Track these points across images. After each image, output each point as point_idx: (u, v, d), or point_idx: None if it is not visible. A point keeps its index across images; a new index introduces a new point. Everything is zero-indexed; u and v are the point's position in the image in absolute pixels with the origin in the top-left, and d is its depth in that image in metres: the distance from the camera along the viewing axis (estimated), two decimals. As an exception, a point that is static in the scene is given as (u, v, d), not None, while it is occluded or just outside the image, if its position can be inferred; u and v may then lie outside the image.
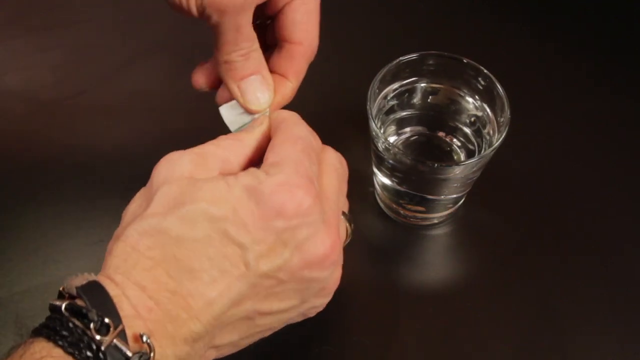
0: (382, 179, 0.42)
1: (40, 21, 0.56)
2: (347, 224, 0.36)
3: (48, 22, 0.55)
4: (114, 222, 0.46)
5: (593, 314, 0.41)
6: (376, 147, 0.40)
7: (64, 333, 0.26)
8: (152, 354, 0.26)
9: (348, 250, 0.44)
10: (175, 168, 0.31)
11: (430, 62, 0.41)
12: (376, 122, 0.40)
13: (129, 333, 0.26)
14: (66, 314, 0.26)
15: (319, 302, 0.33)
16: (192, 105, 0.51)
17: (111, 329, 0.25)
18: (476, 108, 0.42)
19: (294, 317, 0.33)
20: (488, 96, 0.41)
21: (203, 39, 0.55)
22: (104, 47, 0.54)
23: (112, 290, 0.27)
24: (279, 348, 0.39)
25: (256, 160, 0.33)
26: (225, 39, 0.33)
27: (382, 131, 0.42)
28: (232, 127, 0.37)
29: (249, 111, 0.36)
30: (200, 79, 0.38)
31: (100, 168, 0.48)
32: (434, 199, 0.42)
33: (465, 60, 0.41)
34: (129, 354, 0.25)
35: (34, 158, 0.48)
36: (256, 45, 0.34)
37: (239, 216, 0.29)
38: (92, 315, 0.25)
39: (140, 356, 0.26)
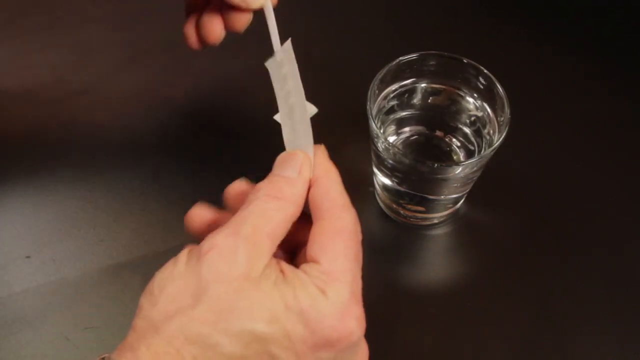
0: (382, 179, 0.42)
1: (40, 21, 0.56)
2: None
3: (48, 22, 0.55)
4: (114, 222, 0.46)
5: (593, 314, 0.41)
6: (376, 147, 0.40)
7: None
8: None
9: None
10: (230, 266, 0.28)
11: (430, 62, 0.41)
12: (376, 122, 0.40)
13: None
14: None
15: None
16: (193, 105, 0.51)
17: None
18: (476, 108, 0.42)
19: None
20: (488, 96, 0.41)
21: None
22: (104, 47, 0.54)
23: None
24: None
25: (298, 215, 0.31)
26: None
27: (382, 131, 0.42)
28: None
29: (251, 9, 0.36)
30: (193, 36, 0.38)
31: (100, 168, 0.48)
32: (434, 199, 0.42)
33: (465, 60, 0.41)
34: None
35: (33, 158, 0.48)
36: None
37: (291, 342, 0.28)
38: None
39: None
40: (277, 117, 0.37)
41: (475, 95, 0.42)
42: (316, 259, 0.30)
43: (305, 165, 0.32)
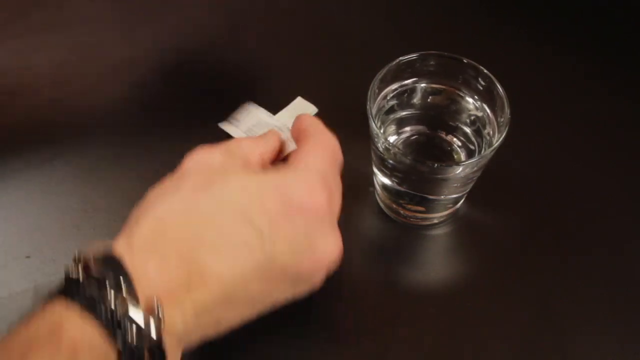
0: (382, 179, 0.42)
1: (40, 21, 0.56)
2: None
3: (48, 22, 0.55)
4: (114, 222, 0.46)
5: (593, 314, 0.41)
6: (376, 147, 0.40)
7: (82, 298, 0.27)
8: (161, 317, 0.28)
9: (348, 250, 0.44)
10: (207, 157, 0.34)
11: (430, 62, 0.41)
12: (376, 122, 0.40)
13: (142, 298, 0.28)
14: (87, 287, 0.28)
15: (306, 291, 0.35)
16: (195, 105, 0.51)
17: (125, 294, 0.27)
18: (476, 108, 0.42)
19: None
20: (488, 96, 0.41)
21: (203, 38, 0.56)
22: (104, 47, 0.54)
23: (130, 263, 0.28)
24: (278, 348, 0.39)
25: (270, 163, 0.37)
26: None
27: (382, 131, 0.42)
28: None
29: None
30: None
31: (100, 168, 0.48)
32: (434, 199, 0.42)
33: (465, 60, 0.41)
34: (141, 316, 0.27)
35: (33, 157, 0.48)
36: None
37: (265, 208, 0.31)
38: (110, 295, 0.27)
39: (151, 319, 0.27)
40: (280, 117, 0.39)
41: (475, 95, 0.42)
42: (294, 157, 0.35)
43: (276, 132, 0.38)
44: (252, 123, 0.43)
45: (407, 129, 0.44)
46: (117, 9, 0.56)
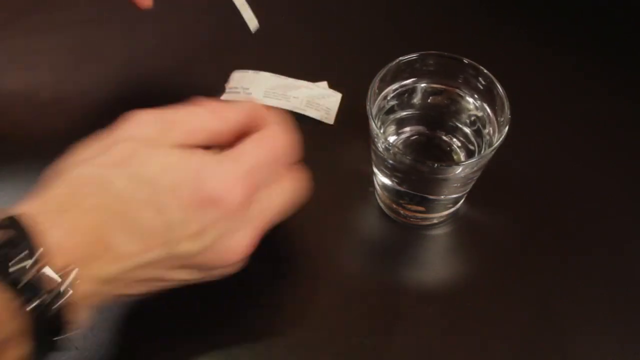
0: (382, 179, 0.42)
1: (40, 21, 0.56)
2: None
3: (48, 22, 0.55)
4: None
5: (593, 314, 0.41)
6: (376, 147, 0.40)
7: None
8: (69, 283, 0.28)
9: (348, 249, 0.44)
10: (142, 129, 0.33)
11: (430, 62, 0.41)
12: (376, 122, 0.40)
13: (52, 263, 0.28)
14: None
15: (214, 277, 0.35)
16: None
17: (36, 257, 0.28)
18: (476, 108, 0.42)
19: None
20: (488, 96, 0.41)
21: (203, 38, 0.56)
22: (104, 47, 0.54)
23: (40, 222, 0.29)
24: (278, 349, 0.39)
25: (225, 141, 0.35)
26: None
27: (382, 131, 0.42)
28: None
29: None
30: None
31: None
32: (434, 199, 0.42)
33: (465, 60, 0.41)
34: (55, 276, 0.28)
35: (33, 159, 0.48)
36: None
37: (178, 194, 0.31)
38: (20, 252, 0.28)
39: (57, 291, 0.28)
40: None
41: (475, 95, 0.42)
42: (237, 144, 0.34)
43: (252, 105, 0.36)
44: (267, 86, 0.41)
45: (407, 129, 0.44)
46: (117, 9, 0.56)
